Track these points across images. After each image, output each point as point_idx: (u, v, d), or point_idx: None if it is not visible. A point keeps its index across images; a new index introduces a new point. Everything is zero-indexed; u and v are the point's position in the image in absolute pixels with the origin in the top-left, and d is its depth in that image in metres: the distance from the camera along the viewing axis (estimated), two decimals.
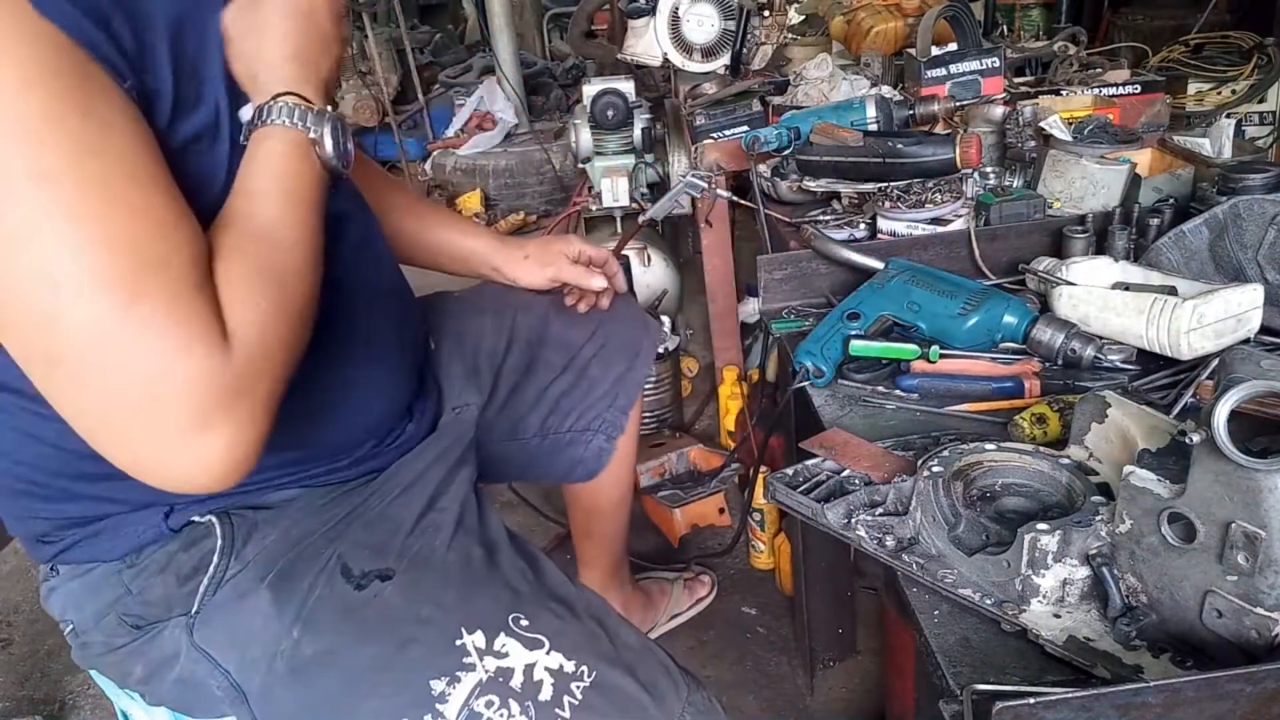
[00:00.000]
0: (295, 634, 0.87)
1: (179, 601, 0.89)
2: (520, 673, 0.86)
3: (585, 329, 1.35)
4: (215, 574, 0.89)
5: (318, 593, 0.89)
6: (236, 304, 0.71)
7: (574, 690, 0.86)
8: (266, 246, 0.76)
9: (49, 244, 0.64)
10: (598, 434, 1.36)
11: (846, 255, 1.26)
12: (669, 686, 0.90)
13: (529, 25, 5.54)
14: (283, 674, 0.86)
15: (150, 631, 0.90)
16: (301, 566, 0.90)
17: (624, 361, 1.37)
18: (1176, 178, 1.33)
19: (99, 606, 0.92)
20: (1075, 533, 0.71)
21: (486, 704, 0.84)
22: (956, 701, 0.66)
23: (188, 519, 0.92)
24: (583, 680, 0.86)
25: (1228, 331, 1.02)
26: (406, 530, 0.96)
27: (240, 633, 0.88)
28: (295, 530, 0.93)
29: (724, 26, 2.07)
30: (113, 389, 0.66)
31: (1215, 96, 1.97)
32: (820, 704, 1.72)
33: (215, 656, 0.88)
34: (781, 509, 1.03)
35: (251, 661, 0.87)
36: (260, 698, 0.88)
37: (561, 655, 0.87)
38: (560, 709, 0.85)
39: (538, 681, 0.86)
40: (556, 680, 0.86)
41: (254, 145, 0.80)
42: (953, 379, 1.07)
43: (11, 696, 1.94)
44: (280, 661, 0.86)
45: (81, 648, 0.95)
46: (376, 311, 1.01)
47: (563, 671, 0.86)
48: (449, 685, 0.84)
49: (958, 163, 1.33)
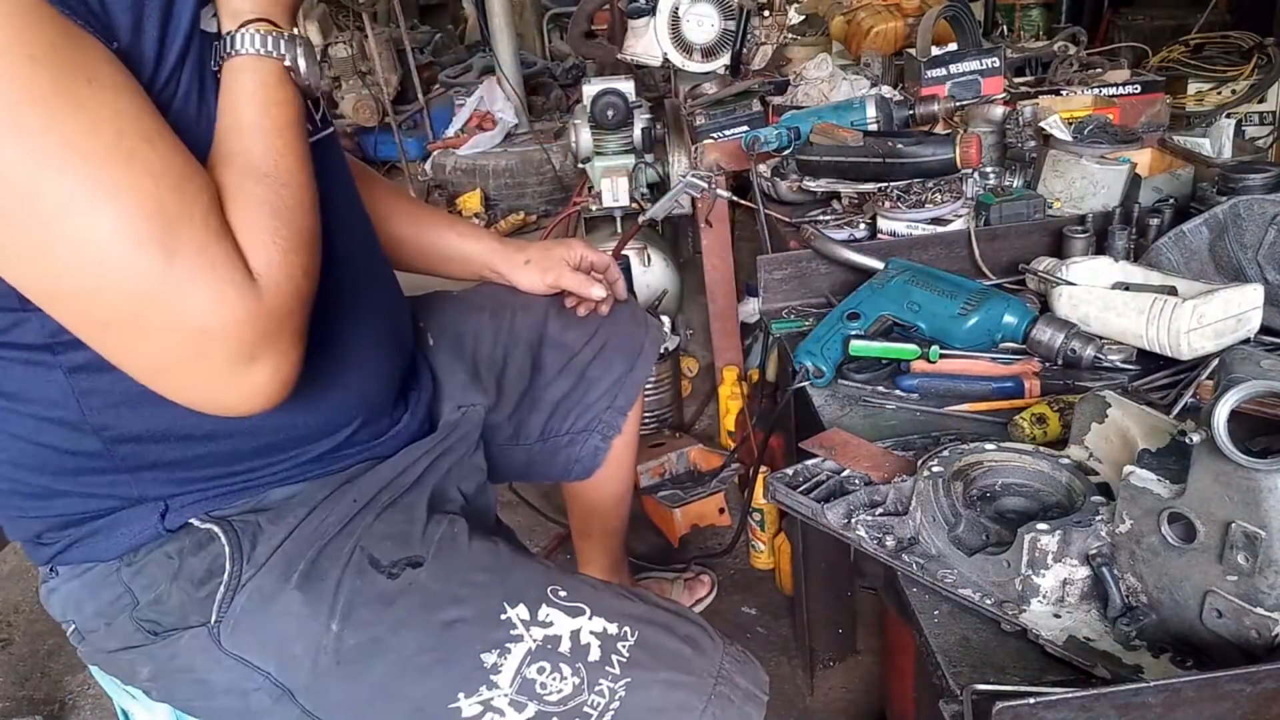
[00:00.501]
0: (335, 628, 0.89)
1: (195, 610, 0.89)
2: (567, 638, 0.89)
3: (585, 330, 1.35)
4: (230, 580, 0.90)
5: (349, 586, 0.91)
6: (256, 246, 0.75)
7: (620, 649, 0.89)
8: (267, 182, 0.78)
9: (84, 217, 0.67)
10: (594, 434, 1.36)
11: (846, 255, 1.26)
12: (706, 640, 0.94)
13: (529, 25, 5.54)
14: (329, 667, 0.88)
15: (167, 638, 0.90)
16: (325, 564, 0.91)
17: (624, 363, 1.36)
18: (1176, 178, 1.33)
19: (99, 606, 0.92)
20: (1075, 533, 0.71)
21: (539, 670, 0.87)
22: (956, 701, 0.66)
23: (185, 520, 0.92)
24: (628, 640, 0.90)
25: (1228, 331, 1.02)
26: (424, 520, 0.97)
27: (274, 634, 0.89)
28: (306, 528, 0.93)
29: (724, 26, 2.07)
30: (162, 344, 0.73)
31: (1215, 96, 1.97)
32: (820, 704, 1.72)
33: (252, 660, 0.89)
34: (781, 509, 1.03)
35: (294, 659, 0.89)
36: (309, 692, 0.89)
37: (604, 619, 0.91)
38: (610, 666, 0.88)
39: (585, 645, 0.89)
40: (603, 642, 0.89)
41: (231, 77, 0.80)
42: (953, 379, 1.07)
43: (11, 696, 1.94)
44: (325, 656, 0.88)
45: (86, 646, 0.95)
46: (361, 284, 1.01)
47: (607, 634, 0.90)
48: (500, 657, 0.87)
49: (958, 163, 1.33)
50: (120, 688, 1.01)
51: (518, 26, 4.87)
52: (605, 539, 1.65)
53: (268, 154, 0.79)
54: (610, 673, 0.88)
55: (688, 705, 0.88)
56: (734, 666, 0.93)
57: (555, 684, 0.87)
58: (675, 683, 0.89)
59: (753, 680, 0.94)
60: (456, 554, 0.95)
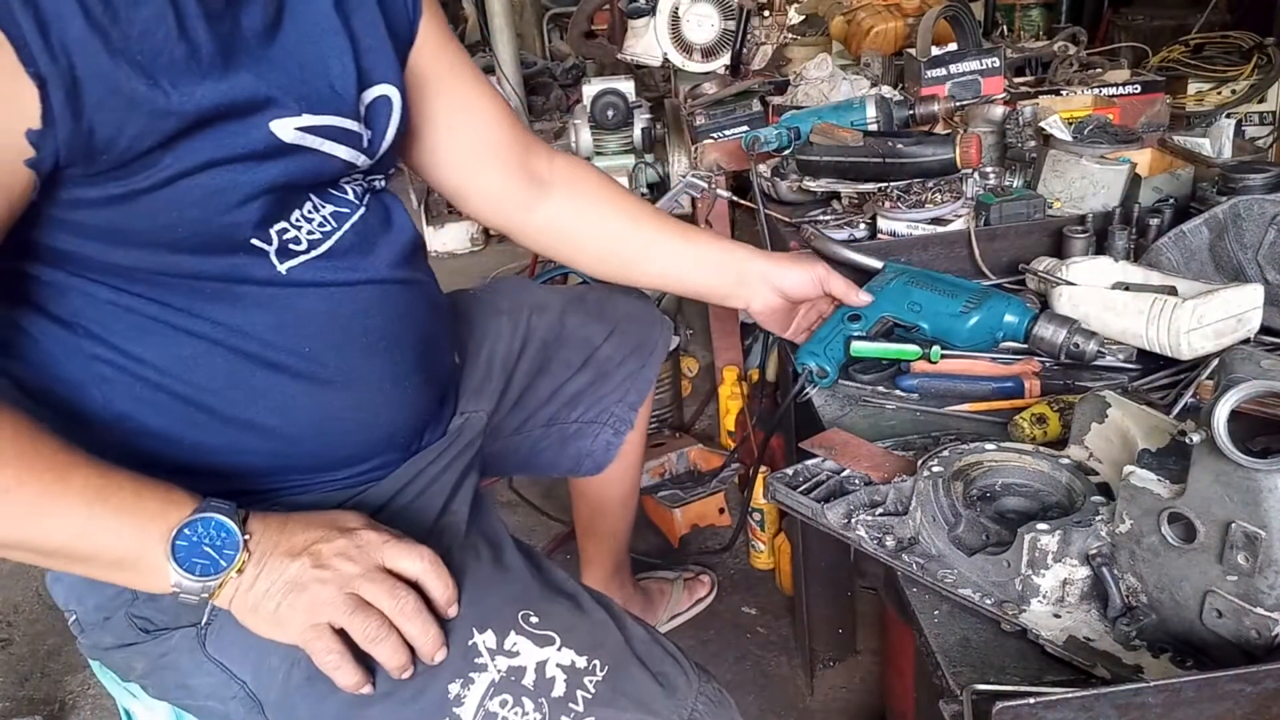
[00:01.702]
0: None
1: (188, 611, 0.89)
2: (532, 670, 0.86)
3: (603, 326, 1.35)
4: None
5: None
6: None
7: (587, 685, 0.86)
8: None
9: None
10: (605, 427, 1.36)
11: (846, 255, 1.26)
12: (680, 677, 0.91)
13: (529, 25, 5.54)
14: (300, 683, 0.86)
15: (159, 636, 0.90)
16: None
17: (637, 359, 1.37)
18: (1176, 178, 1.33)
19: (101, 600, 0.92)
20: (1075, 533, 0.71)
21: (501, 703, 0.85)
22: (956, 701, 0.66)
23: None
24: (595, 675, 0.87)
25: (1228, 331, 1.02)
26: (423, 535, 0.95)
27: (255, 643, 0.87)
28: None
29: (724, 26, 2.07)
30: None
31: (1215, 96, 1.97)
32: (820, 704, 1.72)
33: (230, 667, 0.89)
34: (781, 509, 1.03)
35: (270, 671, 0.87)
36: (279, 707, 0.88)
37: (573, 651, 0.88)
38: (574, 703, 0.85)
39: (550, 678, 0.86)
40: (569, 676, 0.86)
41: (158, 485, 0.80)
42: (953, 379, 1.07)
43: (11, 696, 1.94)
44: (298, 671, 0.86)
45: (85, 639, 0.95)
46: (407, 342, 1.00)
47: (574, 667, 0.87)
48: (463, 688, 0.85)
49: (958, 163, 1.33)
50: (121, 686, 1.02)
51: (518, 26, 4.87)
52: (611, 539, 1.65)
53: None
54: (574, 710, 0.85)
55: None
56: (706, 709, 0.89)
57: (516, 718, 0.84)
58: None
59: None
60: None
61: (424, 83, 1.06)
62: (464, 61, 1.12)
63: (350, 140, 0.91)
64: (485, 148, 1.15)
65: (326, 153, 0.89)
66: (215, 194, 0.81)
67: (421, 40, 1.04)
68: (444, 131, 1.11)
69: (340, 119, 0.89)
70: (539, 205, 1.20)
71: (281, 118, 0.84)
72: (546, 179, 1.20)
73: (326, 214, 0.92)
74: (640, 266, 1.23)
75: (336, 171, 0.92)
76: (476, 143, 1.14)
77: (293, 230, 0.89)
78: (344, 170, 0.93)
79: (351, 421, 0.96)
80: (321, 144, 0.88)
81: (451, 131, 1.11)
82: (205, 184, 0.80)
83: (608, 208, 1.22)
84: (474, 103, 1.13)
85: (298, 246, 0.89)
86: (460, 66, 1.11)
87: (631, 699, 0.87)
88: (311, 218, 0.91)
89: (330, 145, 0.89)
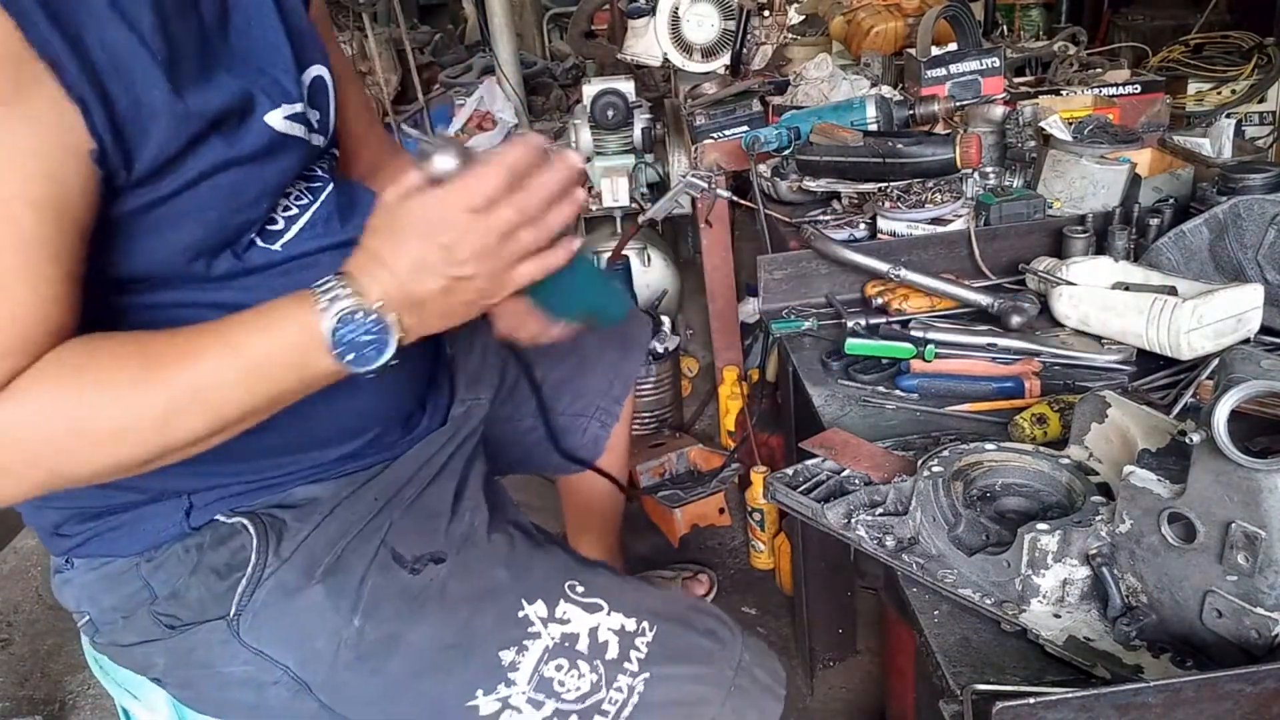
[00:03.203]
0: (357, 623, 0.89)
1: (214, 604, 0.89)
2: (585, 635, 0.89)
3: None
4: (253, 574, 0.90)
5: (373, 581, 0.91)
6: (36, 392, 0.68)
7: (638, 645, 0.89)
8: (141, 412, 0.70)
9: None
10: (591, 420, 1.37)
11: (846, 255, 1.26)
12: (725, 631, 0.94)
13: (529, 25, 5.53)
14: (350, 661, 0.88)
15: (185, 631, 0.91)
16: (350, 559, 0.92)
17: (618, 349, 1.38)
18: (1176, 178, 1.33)
19: (117, 600, 0.92)
20: (1075, 533, 0.71)
21: (556, 667, 0.88)
22: (956, 701, 0.66)
23: (210, 517, 0.92)
24: (645, 635, 0.90)
25: (1228, 331, 1.02)
26: (447, 517, 0.98)
27: (296, 629, 0.89)
28: (330, 526, 0.93)
29: (724, 26, 2.07)
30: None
31: (1215, 96, 1.97)
32: (820, 704, 1.72)
33: (271, 654, 0.89)
34: (781, 509, 1.03)
35: (315, 654, 0.89)
36: (328, 687, 0.90)
37: (621, 615, 0.91)
38: (628, 662, 0.88)
39: (603, 642, 0.89)
40: (621, 638, 0.89)
41: (284, 314, 0.74)
42: (953, 379, 1.07)
43: (11, 696, 1.94)
44: (346, 650, 0.88)
45: (100, 639, 0.95)
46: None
47: (625, 630, 0.90)
48: (518, 654, 0.88)
49: (958, 163, 1.33)
50: (121, 688, 1.01)
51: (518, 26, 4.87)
52: (603, 536, 1.65)
53: (179, 401, 0.71)
54: (628, 669, 0.88)
55: (707, 699, 0.88)
56: (753, 659, 0.93)
57: (573, 681, 0.87)
58: (694, 676, 0.89)
59: (771, 674, 0.94)
60: (476, 549, 0.96)
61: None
62: (334, 37, 1.11)
63: (309, 124, 0.91)
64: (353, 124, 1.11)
65: (305, 139, 0.90)
66: (233, 193, 0.82)
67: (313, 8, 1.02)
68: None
69: (301, 105, 0.89)
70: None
71: (270, 111, 0.84)
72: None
73: (303, 188, 0.93)
74: None
75: (314, 156, 0.93)
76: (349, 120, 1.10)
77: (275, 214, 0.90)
78: (318, 153, 0.94)
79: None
80: (301, 131, 0.89)
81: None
82: (223, 184, 0.80)
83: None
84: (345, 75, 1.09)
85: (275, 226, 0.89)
86: (333, 43, 1.09)
87: (682, 654, 0.90)
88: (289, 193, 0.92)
89: (305, 131, 0.90)
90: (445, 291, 0.75)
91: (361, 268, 0.74)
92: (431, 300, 0.75)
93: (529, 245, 0.76)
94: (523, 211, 0.74)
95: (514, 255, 0.76)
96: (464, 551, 0.95)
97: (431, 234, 0.73)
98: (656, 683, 0.88)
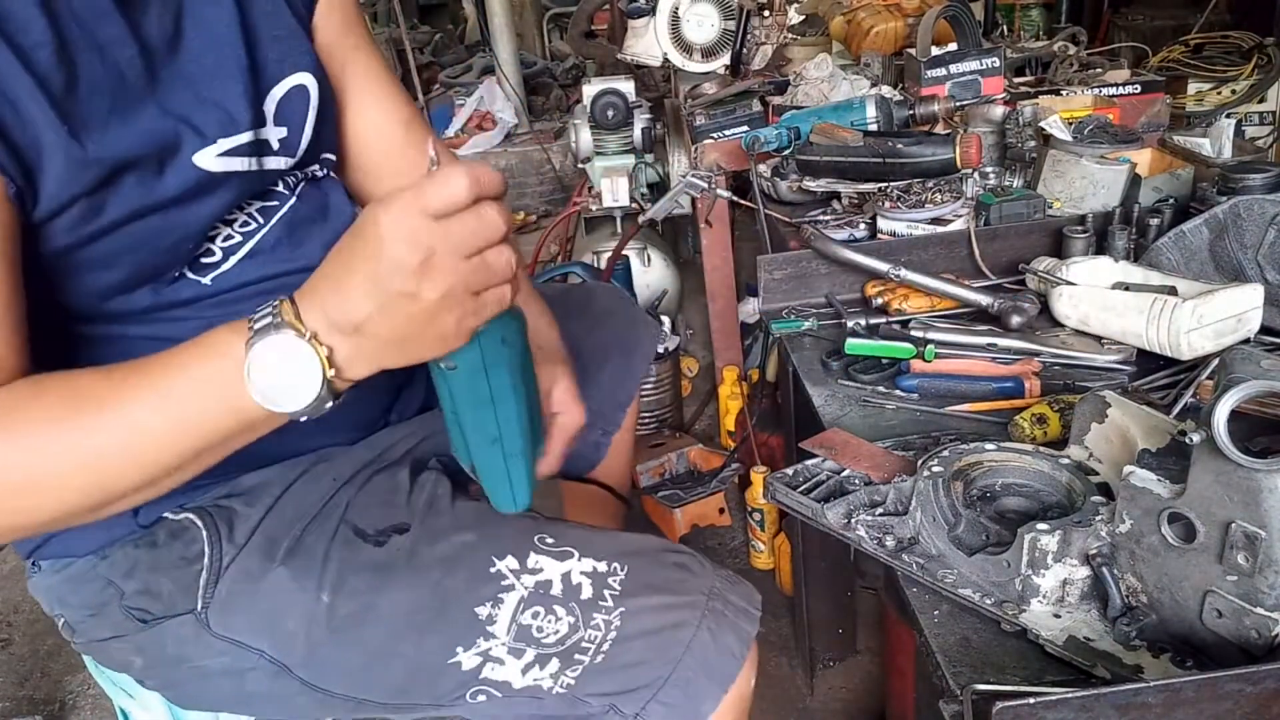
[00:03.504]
0: (326, 598, 0.89)
1: (181, 598, 0.90)
2: (559, 581, 0.89)
3: (586, 322, 1.35)
4: (211, 565, 0.90)
5: (337, 557, 0.91)
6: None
7: (611, 584, 0.90)
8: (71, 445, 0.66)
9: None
10: (593, 428, 1.36)
11: (846, 255, 1.26)
12: (696, 565, 0.95)
13: (529, 25, 5.54)
14: (325, 637, 0.89)
15: (155, 626, 0.91)
16: (310, 539, 0.92)
17: (622, 355, 1.37)
18: (1176, 178, 1.33)
19: (84, 599, 0.93)
20: (1075, 533, 0.71)
21: (533, 615, 0.88)
22: (956, 701, 0.66)
23: (158, 515, 0.92)
24: (618, 574, 0.90)
25: (1228, 331, 1.02)
26: (407, 489, 0.98)
27: (265, 613, 0.89)
28: (285, 508, 0.94)
29: (724, 26, 2.07)
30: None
31: (1215, 96, 1.97)
32: (820, 704, 1.72)
33: (245, 641, 0.90)
34: (781, 509, 1.03)
35: (289, 634, 0.89)
36: (307, 664, 0.90)
37: (592, 559, 0.91)
38: (603, 600, 0.89)
39: (576, 585, 0.90)
40: (594, 579, 0.90)
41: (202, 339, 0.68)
42: (953, 379, 1.07)
43: (11, 696, 1.94)
44: (318, 627, 0.89)
45: (79, 638, 0.96)
46: None
47: (597, 572, 0.90)
48: (494, 608, 0.88)
49: (958, 163, 1.33)
50: (118, 687, 1.02)
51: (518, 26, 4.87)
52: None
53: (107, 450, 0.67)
54: (604, 606, 0.88)
55: (683, 622, 0.89)
56: (725, 585, 0.94)
57: (551, 626, 0.87)
58: (669, 605, 0.90)
59: (745, 597, 0.94)
60: (441, 517, 0.96)
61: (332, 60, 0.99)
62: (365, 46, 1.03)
63: (268, 150, 0.88)
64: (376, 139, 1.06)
65: (253, 170, 0.86)
66: (150, 239, 0.79)
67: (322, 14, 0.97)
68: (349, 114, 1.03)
69: (255, 131, 0.85)
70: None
71: (200, 150, 0.80)
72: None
73: (254, 211, 0.90)
74: None
75: (266, 183, 0.90)
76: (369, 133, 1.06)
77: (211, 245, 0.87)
78: (272, 179, 0.91)
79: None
80: (247, 163, 0.85)
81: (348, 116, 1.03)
82: (138, 231, 0.77)
83: None
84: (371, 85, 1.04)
85: (211, 258, 0.86)
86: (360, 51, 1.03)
87: (655, 586, 0.91)
88: (232, 220, 0.89)
89: (254, 161, 0.86)
90: (393, 313, 0.63)
91: (304, 292, 0.67)
92: (378, 325, 0.64)
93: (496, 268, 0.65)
94: (488, 224, 0.64)
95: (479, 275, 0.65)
96: (428, 520, 0.95)
97: (383, 245, 0.62)
98: (632, 615, 0.88)
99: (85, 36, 0.74)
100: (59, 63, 0.71)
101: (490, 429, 0.78)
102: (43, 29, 0.70)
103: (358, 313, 0.64)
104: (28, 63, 0.69)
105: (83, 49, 0.73)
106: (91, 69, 0.74)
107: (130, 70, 0.77)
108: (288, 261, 0.90)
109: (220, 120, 0.83)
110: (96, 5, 0.75)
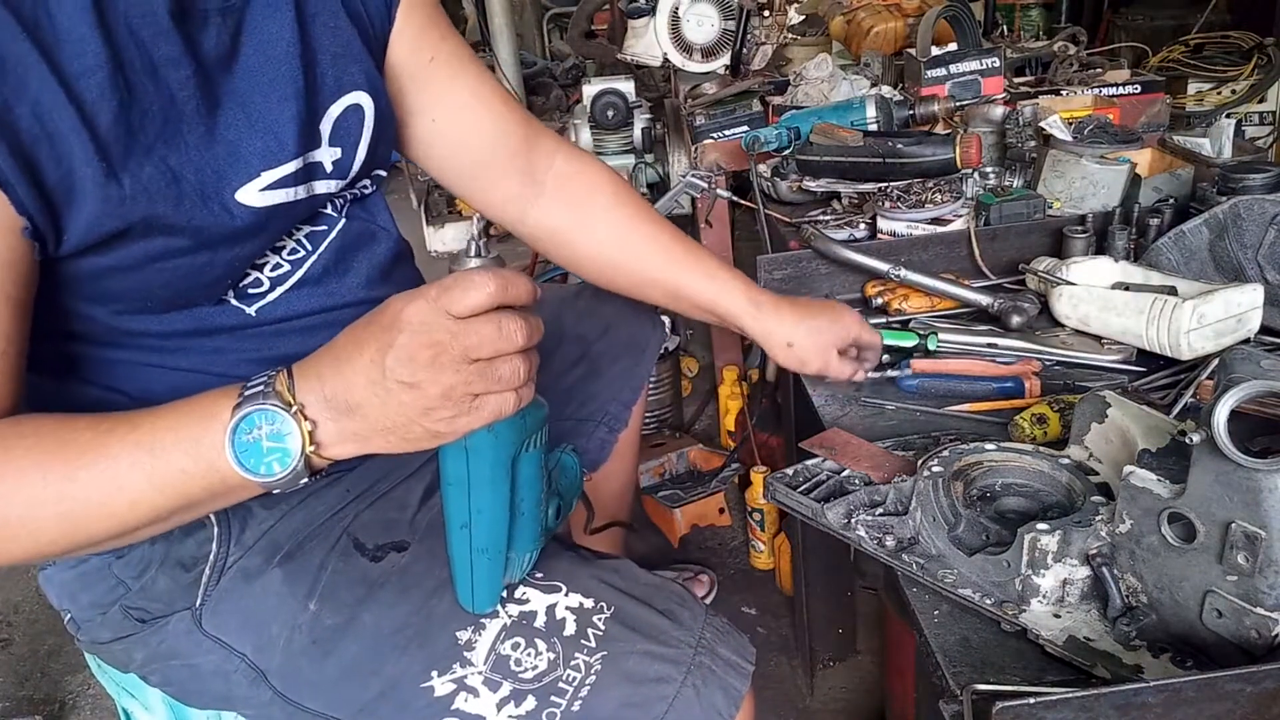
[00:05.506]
0: (313, 607, 0.89)
1: (182, 595, 0.90)
2: (543, 614, 0.89)
3: (596, 323, 1.35)
4: (216, 561, 0.90)
5: (331, 568, 0.91)
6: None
7: (596, 623, 0.88)
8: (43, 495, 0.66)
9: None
10: (600, 425, 1.36)
11: (846, 255, 1.26)
12: (685, 612, 0.92)
13: (529, 25, 5.54)
14: (304, 646, 0.88)
15: (155, 625, 0.91)
16: (311, 546, 0.92)
17: (631, 355, 1.37)
18: (1176, 178, 1.33)
19: (94, 597, 0.92)
20: (1075, 533, 0.71)
21: (513, 645, 0.87)
22: (956, 701, 0.66)
23: None
24: (603, 613, 0.89)
25: (1228, 331, 1.02)
26: (414, 508, 0.98)
27: (253, 614, 0.89)
28: (297, 514, 0.93)
29: (724, 26, 2.07)
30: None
31: (1215, 96, 1.97)
32: (820, 704, 1.72)
33: (230, 642, 0.89)
34: (781, 509, 1.03)
35: (270, 640, 0.89)
36: (282, 673, 0.89)
37: (580, 595, 0.90)
38: (586, 640, 0.87)
39: (560, 620, 0.89)
40: (579, 616, 0.89)
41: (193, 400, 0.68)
42: (953, 379, 1.07)
43: (11, 696, 1.94)
44: (300, 635, 0.88)
45: (83, 636, 0.96)
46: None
47: (583, 608, 0.89)
48: (474, 633, 0.87)
49: (958, 163, 1.33)
50: (120, 687, 1.02)
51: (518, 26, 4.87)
52: (606, 537, 1.65)
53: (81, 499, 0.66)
54: (586, 646, 0.87)
55: (666, 676, 0.86)
56: (715, 636, 0.91)
57: (530, 660, 0.86)
58: (653, 654, 0.87)
59: (736, 650, 0.92)
60: (440, 539, 0.94)
61: (402, 75, 0.99)
62: (454, 53, 1.03)
63: (319, 173, 0.87)
64: (476, 143, 1.08)
65: (301, 199, 0.84)
66: (187, 275, 0.78)
67: (399, 30, 0.96)
68: (428, 125, 1.04)
69: (304, 157, 0.84)
70: (530, 208, 1.14)
71: (244, 185, 0.78)
72: (541, 179, 1.14)
73: (302, 238, 0.89)
74: (640, 290, 1.18)
75: (314, 208, 0.89)
76: (466, 138, 1.08)
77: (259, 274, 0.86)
78: (321, 202, 0.89)
79: None
80: (293, 193, 0.83)
81: (436, 126, 1.04)
82: (175, 268, 0.76)
83: (600, 218, 1.14)
84: (462, 97, 1.05)
85: (259, 289, 0.86)
86: (448, 57, 1.02)
87: (641, 632, 0.89)
88: (281, 248, 0.88)
89: (301, 190, 0.84)
90: (389, 399, 0.65)
91: (306, 365, 0.68)
92: (372, 408, 0.65)
93: (502, 376, 0.65)
94: (505, 335, 0.64)
95: (483, 380, 0.65)
96: (427, 540, 0.94)
97: (398, 334, 0.63)
98: (614, 660, 0.87)
99: (141, 57, 0.71)
100: (111, 88, 0.68)
101: (461, 514, 0.78)
102: (97, 51, 0.67)
103: (355, 393, 0.65)
104: (74, 93, 0.66)
105: (136, 70, 0.70)
106: (144, 94, 0.71)
107: (182, 93, 0.74)
108: (332, 295, 0.90)
109: (268, 148, 0.80)
110: (156, 22, 0.71)
